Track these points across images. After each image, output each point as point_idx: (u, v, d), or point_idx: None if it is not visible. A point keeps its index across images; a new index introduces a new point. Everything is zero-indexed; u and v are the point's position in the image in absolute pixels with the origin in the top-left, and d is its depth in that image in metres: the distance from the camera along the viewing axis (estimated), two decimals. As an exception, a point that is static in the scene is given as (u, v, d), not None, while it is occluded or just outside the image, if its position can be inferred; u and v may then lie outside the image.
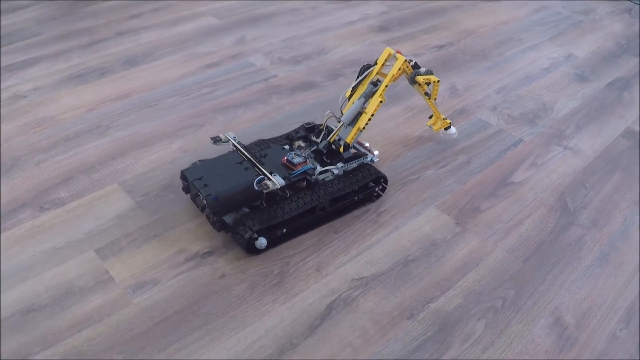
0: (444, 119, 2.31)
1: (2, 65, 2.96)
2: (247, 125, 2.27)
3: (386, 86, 2.00)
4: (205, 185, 1.85)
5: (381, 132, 2.42)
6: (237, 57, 3.00)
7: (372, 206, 2.04)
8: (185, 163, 2.19)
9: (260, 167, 1.89)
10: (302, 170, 1.92)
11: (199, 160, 2.06)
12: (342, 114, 2.06)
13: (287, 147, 2.05)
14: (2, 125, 2.52)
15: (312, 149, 2.04)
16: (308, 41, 3.19)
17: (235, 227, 1.84)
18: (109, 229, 1.95)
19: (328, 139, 2.01)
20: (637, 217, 2.10)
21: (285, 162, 1.95)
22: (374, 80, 2.04)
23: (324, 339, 1.61)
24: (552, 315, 1.72)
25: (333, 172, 1.96)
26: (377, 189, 2.04)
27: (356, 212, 2.02)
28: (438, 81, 2.17)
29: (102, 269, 1.82)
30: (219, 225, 1.86)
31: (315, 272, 1.80)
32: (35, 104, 2.68)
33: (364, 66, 2.08)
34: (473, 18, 3.60)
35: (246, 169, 1.91)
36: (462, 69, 2.96)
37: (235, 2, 3.65)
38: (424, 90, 2.14)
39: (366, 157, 2.04)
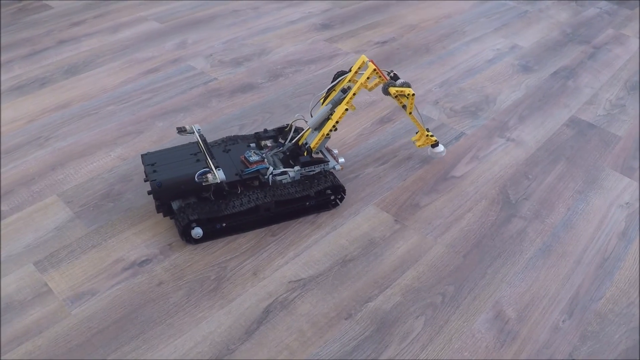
0: (429, 135, 2.25)
1: (-59, 78, 2.94)
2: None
3: (354, 94, 1.96)
4: (154, 171, 1.88)
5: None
6: (178, 61, 2.99)
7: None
8: (124, 171, 2.19)
9: (210, 160, 1.90)
10: (255, 169, 1.93)
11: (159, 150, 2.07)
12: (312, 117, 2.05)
13: (253, 145, 2.06)
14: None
15: (278, 150, 2.03)
16: (249, 42, 3.18)
17: (177, 213, 1.87)
18: (48, 241, 1.94)
19: (294, 141, 2.01)
20: (580, 206, 2.11)
21: (242, 159, 1.97)
22: (345, 87, 2.01)
23: (260, 343, 1.61)
24: (492, 310, 1.73)
25: (290, 175, 1.95)
26: (334, 198, 2.03)
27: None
28: (413, 94, 2.06)
29: (41, 282, 1.81)
30: (164, 211, 1.93)
31: (252, 275, 1.79)
32: (-27, 119, 2.66)
33: (337, 73, 2.06)
34: (416, 13, 3.61)
35: (197, 160, 1.93)
36: (404, 64, 2.97)
37: (178, 4, 3.64)
38: (400, 103, 2.11)
39: (327, 164, 2.02)
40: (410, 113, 2.11)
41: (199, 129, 2.05)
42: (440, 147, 2.26)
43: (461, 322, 1.69)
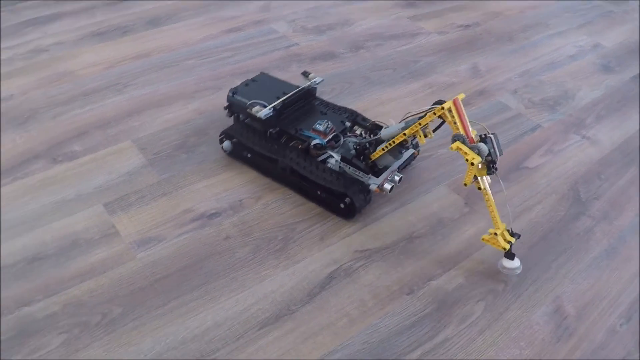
0: (506, 230, 1.76)
1: (25, 18, 2.98)
2: (265, 91, 2.27)
3: (419, 125, 1.76)
4: (240, 88, 2.07)
5: (399, 107, 2.41)
6: (261, 23, 3.00)
7: (382, 180, 2.03)
8: (200, 125, 2.21)
9: (279, 102, 1.98)
10: (309, 135, 1.94)
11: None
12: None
13: (348, 124, 2.02)
14: (21, 77, 2.54)
15: (354, 140, 1.95)
16: (333, 12, 3.18)
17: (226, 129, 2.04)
18: (119, 184, 1.97)
19: (366, 141, 1.94)
20: (650, 212, 2.09)
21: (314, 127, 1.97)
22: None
23: (321, 307, 1.62)
24: (552, 304, 1.71)
25: (330, 161, 1.91)
26: (339, 203, 1.91)
27: (366, 184, 2.01)
28: (472, 164, 1.64)
29: (109, 223, 1.84)
30: (228, 114, 2.11)
31: (319, 240, 1.80)
32: (56, 58, 2.70)
33: (436, 102, 1.92)
34: (501, 0, 3.57)
35: (277, 97, 2.00)
36: (486, 50, 2.94)
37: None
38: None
39: (364, 176, 1.90)
40: (487, 200, 1.71)
41: (315, 81, 2.11)
42: (516, 262, 1.76)
43: (520, 311, 1.68)
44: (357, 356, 1.53)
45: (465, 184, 1.67)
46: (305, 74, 2.12)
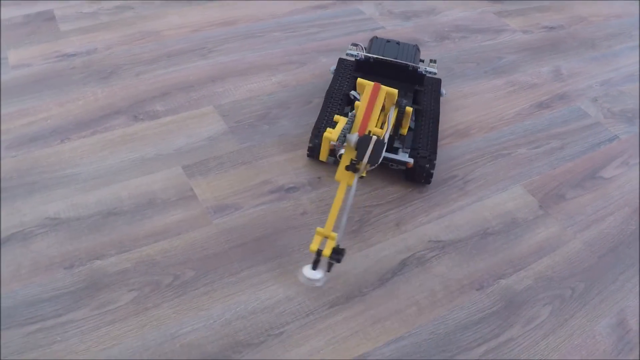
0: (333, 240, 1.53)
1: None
2: (348, 70, 2.27)
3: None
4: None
5: (480, 102, 2.40)
6: (348, 2, 3.00)
7: (459, 173, 2.04)
8: (283, 97, 2.22)
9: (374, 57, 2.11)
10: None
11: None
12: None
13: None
14: (106, 32, 2.58)
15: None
16: None
17: None
18: (199, 148, 1.99)
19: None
20: None
21: None
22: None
23: (392, 293, 1.62)
24: (617, 316, 1.70)
25: None
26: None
27: (444, 176, 2.02)
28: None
29: (187, 186, 1.85)
30: None
31: (395, 226, 1.80)
32: (141, 17, 2.72)
33: None
34: (587, 5, 3.53)
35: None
36: (569, 54, 2.91)
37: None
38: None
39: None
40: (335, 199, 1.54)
41: (426, 69, 2.12)
42: (318, 274, 1.51)
43: (585, 320, 1.67)
44: (423, 346, 1.53)
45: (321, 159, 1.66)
46: (432, 60, 2.14)
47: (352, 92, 2.07)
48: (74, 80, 2.27)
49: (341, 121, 1.57)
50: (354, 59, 2.13)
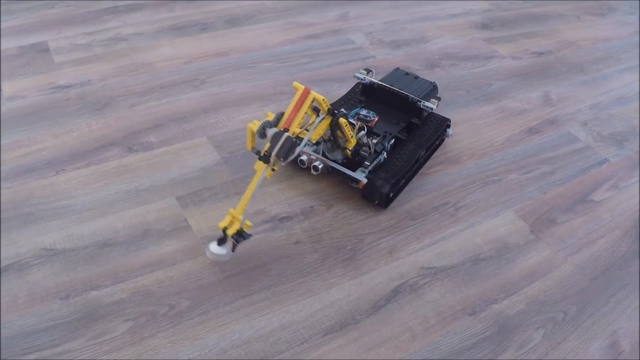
0: (242, 223, 1.67)
1: (106, 6, 3.06)
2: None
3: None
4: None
5: (471, 129, 2.42)
6: (338, 32, 3.03)
7: (451, 199, 2.06)
8: (275, 128, 2.24)
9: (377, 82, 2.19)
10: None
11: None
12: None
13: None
14: (99, 64, 2.60)
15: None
16: (409, 27, 3.19)
17: None
18: (193, 179, 2.01)
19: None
20: None
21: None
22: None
23: (385, 320, 1.64)
24: (609, 338, 1.71)
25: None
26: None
27: (435, 203, 2.04)
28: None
29: (181, 217, 1.87)
30: None
31: (387, 254, 1.82)
32: (134, 48, 2.75)
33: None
34: (574, 30, 3.56)
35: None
36: (558, 79, 2.94)
37: (342, -24, 3.67)
38: None
39: None
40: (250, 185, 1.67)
41: (425, 104, 2.15)
42: (222, 250, 1.66)
43: (577, 343, 1.68)
44: (417, 371, 1.55)
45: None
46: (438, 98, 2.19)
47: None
48: (69, 111, 2.29)
49: (269, 116, 1.67)
50: (359, 82, 2.18)
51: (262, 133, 1.65)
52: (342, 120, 1.77)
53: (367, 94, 2.19)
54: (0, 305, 1.58)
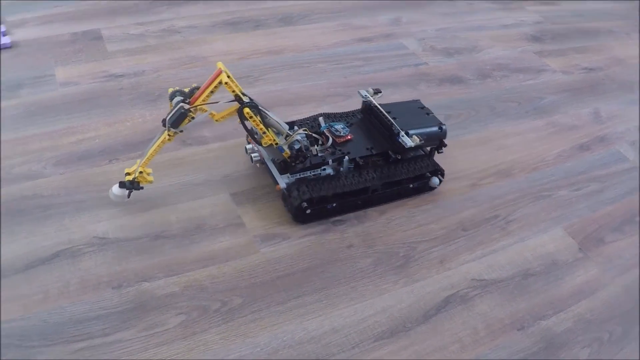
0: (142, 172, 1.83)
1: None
2: (391, 106, 2.28)
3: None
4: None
5: (522, 142, 2.41)
6: (391, 37, 3.03)
7: (502, 212, 2.05)
8: (329, 129, 2.25)
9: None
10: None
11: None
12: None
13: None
14: (153, 55, 2.62)
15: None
16: (461, 36, 3.19)
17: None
18: (248, 176, 2.02)
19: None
20: None
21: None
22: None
23: (435, 329, 1.64)
24: (656, 360, 1.71)
25: None
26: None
27: (487, 215, 2.04)
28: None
29: (235, 213, 1.88)
30: None
31: (439, 263, 1.82)
32: (188, 41, 2.77)
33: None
34: (625, 47, 3.53)
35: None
36: (608, 97, 2.92)
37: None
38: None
39: None
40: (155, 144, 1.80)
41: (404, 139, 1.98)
42: (122, 192, 1.84)
43: (623, 364, 1.69)
44: (465, 383, 1.56)
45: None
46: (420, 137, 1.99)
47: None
48: (122, 101, 2.30)
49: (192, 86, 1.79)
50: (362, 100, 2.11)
51: (171, 97, 1.76)
52: (246, 110, 1.75)
53: (364, 113, 2.14)
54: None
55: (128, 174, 1.81)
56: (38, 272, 1.68)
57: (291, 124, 1.98)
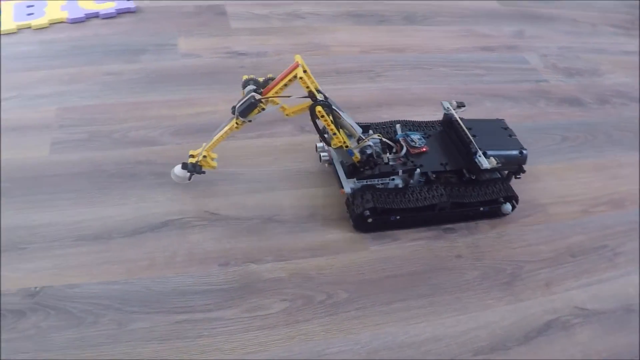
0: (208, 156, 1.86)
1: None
2: (509, 120, 2.25)
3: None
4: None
5: (637, 175, 2.37)
6: (513, 49, 3.00)
7: (610, 243, 2.02)
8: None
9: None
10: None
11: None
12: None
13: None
14: (276, 37, 2.66)
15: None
16: (583, 57, 3.14)
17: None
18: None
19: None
20: None
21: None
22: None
23: (535, 353, 1.63)
24: None
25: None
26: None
27: (595, 244, 2.01)
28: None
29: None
30: None
31: (544, 286, 1.81)
32: (311, 28, 2.79)
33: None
34: None
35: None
36: None
37: (519, -8, 3.64)
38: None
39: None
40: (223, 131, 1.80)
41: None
42: (185, 173, 1.85)
43: None
44: (558, 410, 1.55)
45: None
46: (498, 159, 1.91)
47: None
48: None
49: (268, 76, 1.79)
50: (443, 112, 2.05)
51: (244, 85, 1.76)
52: (318, 108, 1.72)
53: (444, 126, 2.08)
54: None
55: (192, 156, 1.83)
56: (146, 238, 1.73)
57: (366, 128, 1.96)
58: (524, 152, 1.93)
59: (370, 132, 1.91)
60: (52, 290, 1.57)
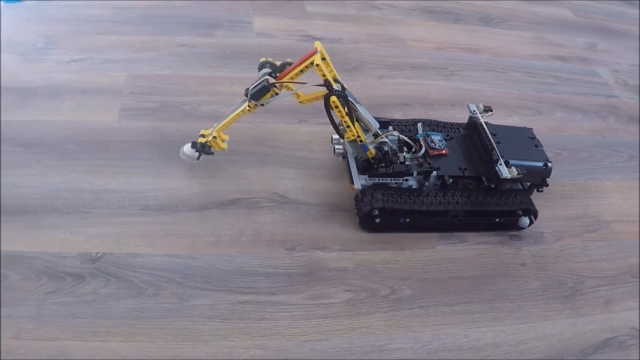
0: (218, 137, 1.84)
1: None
2: (579, 133, 2.26)
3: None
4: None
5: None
6: (586, 61, 2.98)
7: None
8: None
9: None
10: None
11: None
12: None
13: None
14: (352, 25, 2.67)
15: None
16: (653, 76, 3.14)
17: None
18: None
19: None
20: None
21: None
22: None
23: (590, 370, 1.64)
24: None
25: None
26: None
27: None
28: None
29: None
30: None
31: (604, 303, 1.81)
32: (388, 20, 2.79)
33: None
34: None
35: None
36: None
37: (593, 3, 3.61)
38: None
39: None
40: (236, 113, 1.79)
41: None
42: (194, 153, 1.85)
43: None
44: None
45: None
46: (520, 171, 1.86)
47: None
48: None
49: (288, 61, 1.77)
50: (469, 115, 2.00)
51: (260, 67, 1.73)
52: (332, 98, 1.67)
53: (468, 129, 2.03)
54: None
55: (202, 135, 1.82)
56: (212, 214, 1.75)
57: (386, 124, 1.94)
58: (549, 164, 1.87)
59: (390, 128, 1.91)
60: (114, 257, 1.60)
